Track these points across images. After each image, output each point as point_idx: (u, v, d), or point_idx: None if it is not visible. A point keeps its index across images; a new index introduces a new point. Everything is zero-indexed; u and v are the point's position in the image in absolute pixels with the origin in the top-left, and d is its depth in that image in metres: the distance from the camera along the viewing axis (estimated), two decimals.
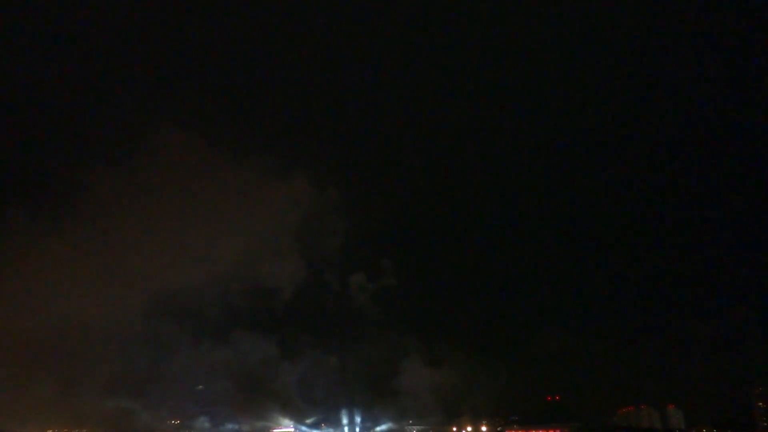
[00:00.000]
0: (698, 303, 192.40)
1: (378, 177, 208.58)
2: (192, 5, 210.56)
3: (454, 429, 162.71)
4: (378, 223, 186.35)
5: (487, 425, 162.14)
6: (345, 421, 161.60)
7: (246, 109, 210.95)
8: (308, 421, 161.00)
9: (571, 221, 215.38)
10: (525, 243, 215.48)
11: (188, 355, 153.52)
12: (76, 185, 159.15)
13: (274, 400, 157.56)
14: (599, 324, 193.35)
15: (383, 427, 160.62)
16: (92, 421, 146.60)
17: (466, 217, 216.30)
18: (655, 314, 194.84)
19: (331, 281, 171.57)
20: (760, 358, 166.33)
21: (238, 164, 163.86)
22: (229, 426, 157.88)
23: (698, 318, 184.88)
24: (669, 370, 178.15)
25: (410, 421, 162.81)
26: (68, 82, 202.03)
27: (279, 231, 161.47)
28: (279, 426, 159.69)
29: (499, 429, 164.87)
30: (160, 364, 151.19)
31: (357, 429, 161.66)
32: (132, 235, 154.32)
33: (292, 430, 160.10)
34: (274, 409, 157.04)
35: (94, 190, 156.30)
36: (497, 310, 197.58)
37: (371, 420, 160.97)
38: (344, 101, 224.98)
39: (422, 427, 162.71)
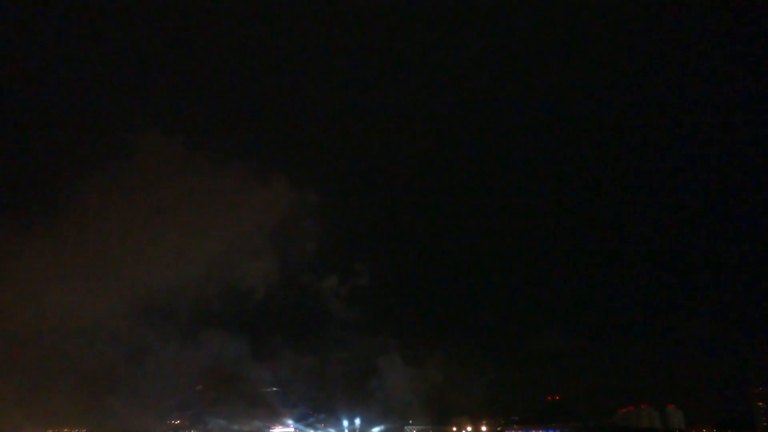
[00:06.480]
0: (698, 303, 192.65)
1: (357, 179, 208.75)
2: (173, 10, 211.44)
3: (454, 429, 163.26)
4: (356, 223, 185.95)
5: (486, 425, 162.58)
6: (345, 422, 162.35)
7: (226, 112, 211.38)
8: (306, 421, 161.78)
9: (567, 219, 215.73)
10: (522, 242, 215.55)
11: (170, 355, 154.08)
12: (55, 187, 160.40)
13: (250, 400, 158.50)
14: (599, 324, 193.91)
15: (379, 428, 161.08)
16: (71, 420, 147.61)
17: (461, 216, 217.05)
18: (654, 314, 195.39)
19: (308, 283, 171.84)
20: (759, 358, 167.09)
21: (217, 167, 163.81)
22: (223, 423, 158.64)
23: (698, 318, 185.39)
24: (669, 370, 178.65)
25: (410, 421, 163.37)
26: (50, 85, 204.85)
27: (255, 233, 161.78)
28: (280, 425, 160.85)
29: (499, 429, 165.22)
30: (142, 364, 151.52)
31: (357, 430, 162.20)
32: (110, 236, 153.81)
33: (293, 430, 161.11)
34: (253, 408, 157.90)
35: (72, 191, 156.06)
36: (492, 310, 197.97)
37: (356, 420, 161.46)
38: (323, 105, 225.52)
39: (422, 427, 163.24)
